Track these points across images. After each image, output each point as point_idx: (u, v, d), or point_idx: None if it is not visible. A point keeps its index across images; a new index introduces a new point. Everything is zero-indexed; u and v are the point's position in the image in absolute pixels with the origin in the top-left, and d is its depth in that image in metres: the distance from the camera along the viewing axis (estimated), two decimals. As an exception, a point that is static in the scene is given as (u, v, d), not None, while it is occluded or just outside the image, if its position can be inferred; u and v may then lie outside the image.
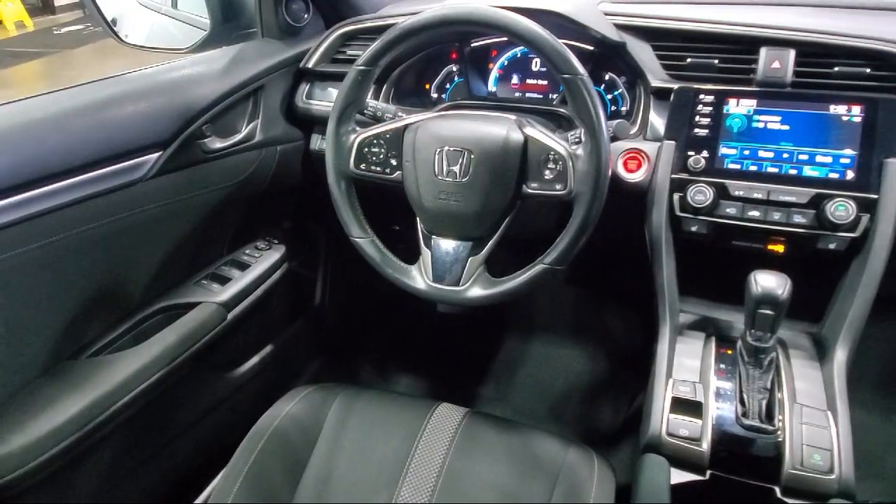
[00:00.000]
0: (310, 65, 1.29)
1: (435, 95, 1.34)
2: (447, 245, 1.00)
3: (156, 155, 1.07)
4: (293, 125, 1.33)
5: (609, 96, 1.21)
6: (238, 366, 1.37)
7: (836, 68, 0.96)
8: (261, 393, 1.41)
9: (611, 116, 1.17)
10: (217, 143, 1.17)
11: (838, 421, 0.83)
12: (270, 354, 1.45)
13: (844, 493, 0.78)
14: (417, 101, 1.32)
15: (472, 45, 1.29)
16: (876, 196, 0.89)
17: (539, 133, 0.93)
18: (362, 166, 1.02)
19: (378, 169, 1.02)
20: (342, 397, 1.07)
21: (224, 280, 1.26)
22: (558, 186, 0.91)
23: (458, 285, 0.98)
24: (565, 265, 0.93)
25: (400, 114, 1.08)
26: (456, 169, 0.95)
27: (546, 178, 0.92)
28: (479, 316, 1.86)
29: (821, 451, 0.80)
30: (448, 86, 1.33)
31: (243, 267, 1.31)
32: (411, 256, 1.04)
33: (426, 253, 1.01)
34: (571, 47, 1.14)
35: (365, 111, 1.08)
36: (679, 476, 0.83)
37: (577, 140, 0.92)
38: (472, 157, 0.94)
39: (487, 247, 0.98)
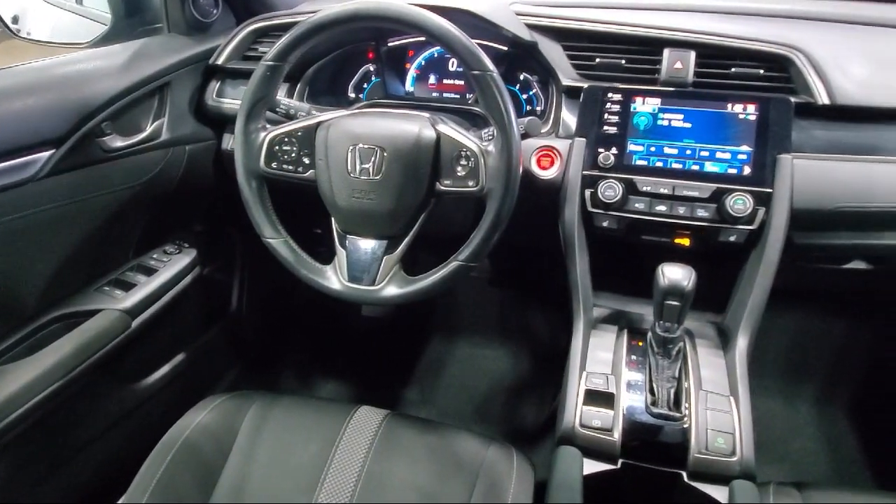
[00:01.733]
0: (219, 62, 1.25)
1: (353, 95, 1.32)
2: (362, 244, 0.98)
3: (48, 153, 1.00)
4: (203, 124, 1.28)
5: (524, 96, 1.22)
6: (146, 376, 1.31)
7: (733, 69, 1.01)
8: (173, 404, 1.34)
9: (526, 115, 1.18)
10: (118, 142, 1.11)
11: (740, 405, 0.87)
12: (183, 363, 1.38)
13: (746, 474, 0.81)
14: (334, 101, 1.29)
15: (389, 44, 1.28)
16: (770, 190, 0.94)
17: (452, 130, 0.93)
18: (273, 165, 0.99)
19: (290, 168, 0.99)
20: (258, 405, 1.03)
21: (128, 286, 1.19)
22: (471, 183, 0.91)
23: (373, 285, 0.97)
24: (480, 261, 0.93)
25: (314, 112, 1.06)
26: (369, 167, 0.93)
27: (459, 174, 0.92)
28: (404, 319, 1.85)
29: (724, 435, 0.83)
30: (366, 86, 1.32)
31: (150, 272, 1.24)
32: (331, 258, 1.02)
33: (341, 253, 0.99)
34: (486, 47, 1.16)
35: (277, 109, 1.06)
36: (592, 466, 0.84)
37: (489, 137, 0.92)
38: (385, 154, 0.92)
39: (402, 245, 0.97)
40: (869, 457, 1.49)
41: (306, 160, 0.98)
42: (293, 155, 0.98)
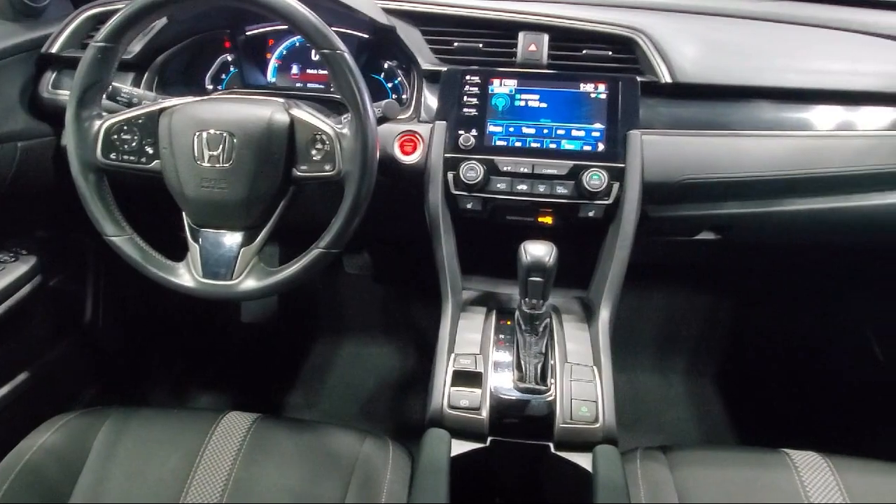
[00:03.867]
0: (53, 50, 1.14)
1: (210, 87, 1.25)
2: (217, 237, 0.93)
3: None
4: (38, 119, 1.16)
5: (389, 85, 1.21)
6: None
7: (584, 51, 1.05)
8: (15, 428, 1.21)
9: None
10: (-69, 140, 0.99)
11: (602, 374, 0.89)
12: (26, 383, 1.25)
13: (608, 439, 0.83)
14: (188, 93, 1.22)
15: (247, 33, 1.23)
16: (623, 165, 0.97)
17: (305, 114, 0.90)
18: (112, 156, 0.92)
19: (132, 158, 0.92)
20: (112, 421, 0.95)
21: (-48, 300, 1.06)
22: (327, 167, 0.89)
23: (230, 279, 0.91)
24: (341, 247, 0.90)
25: (160, 100, 0.99)
26: (217, 154, 0.88)
27: (314, 159, 0.89)
28: (286, 322, 1.79)
29: (587, 404, 0.84)
30: (224, 76, 1.25)
31: (-22, 284, 1.11)
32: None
33: (194, 247, 0.93)
34: (346, 34, 1.14)
35: (118, 98, 0.99)
36: (461, 446, 0.84)
37: (346, 120, 0.90)
38: (235, 140, 0.88)
39: (261, 236, 0.92)
40: (733, 420, 1.60)
41: (150, 150, 0.92)
42: (134, 145, 0.91)
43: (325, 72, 1.25)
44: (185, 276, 0.93)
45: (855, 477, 0.87)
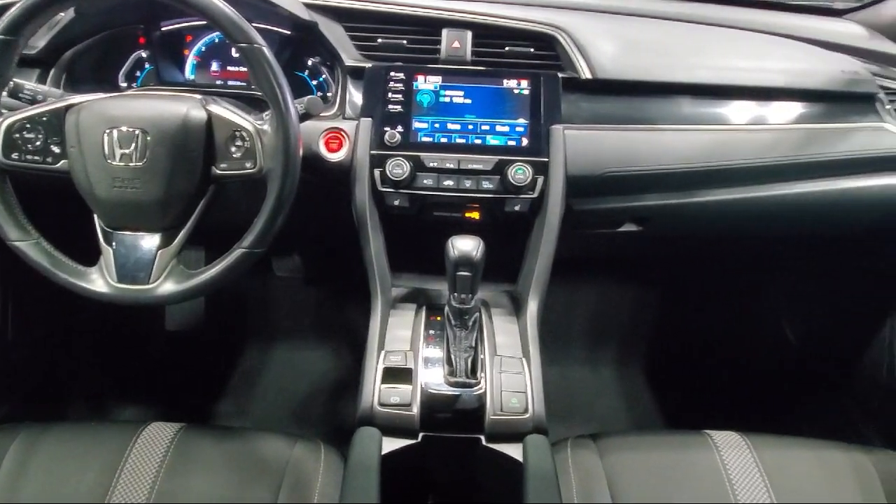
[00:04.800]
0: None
1: (124, 84, 1.20)
2: (132, 239, 0.88)
3: None
4: None
5: (314, 82, 1.19)
6: None
7: (507, 48, 1.06)
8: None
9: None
10: None
11: (531, 365, 0.90)
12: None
13: (538, 429, 0.84)
14: (100, 90, 1.16)
15: (163, 28, 1.18)
16: (546, 159, 0.99)
17: (224, 110, 0.87)
18: (14, 156, 0.86)
19: (36, 158, 0.87)
20: (22, 438, 0.90)
21: None
22: (248, 164, 0.86)
23: (147, 283, 0.87)
24: (265, 247, 0.88)
25: (67, 97, 0.94)
26: (130, 152, 0.84)
27: (234, 156, 0.86)
28: (214, 329, 1.73)
29: (517, 395, 0.85)
30: (139, 74, 1.20)
31: None
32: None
33: (107, 251, 0.89)
34: (268, 31, 1.11)
35: (21, 95, 0.93)
36: (392, 444, 0.83)
37: (267, 117, 0.88)
38: (149, 138, 0.84)
39: (179, 237, 0.89)
40: (660, 406, 1.66)
41: (56, 149, 0.87)
42: (38, 144, 0.86)
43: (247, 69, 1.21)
44: (98, 281, 0.88)
45: (770, 453, 0.92)
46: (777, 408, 1.57)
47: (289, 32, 1.13)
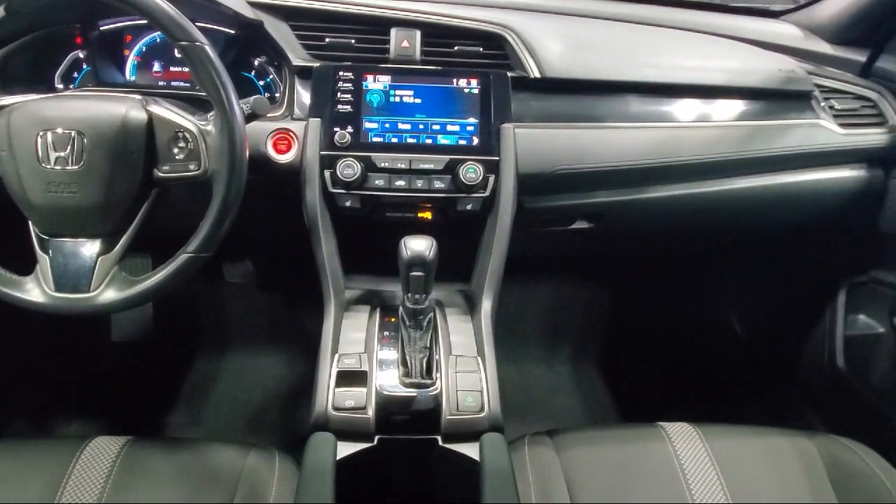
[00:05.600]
0: None
1: (60, 86, 1.15)
2: (70, 246, 0.85)
3: None
4: None
5: (262, 83, 1.16)
6: None
7: (456, 47, 1.06)
8: None
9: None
10: None
11: (486, 364, 0.90)
12: None
13: (494, 427, 0.84)
14: (35, 92, 1.11)
15: (101, 28, 1.14)
16: (497, 158, 0.99)
17: (165, 111, 0.85)
18: None
19: None
20: None
21: None
22: (192, 166, 0.84)
23: (88, 291, 0.84)
24: (212, 251, 0.85)
25: None
26: (66, 155, 0.81)
27: (177, 158, 0.84)
28: (164, 340, 1.68)
29: (472, 394, 0.85)
30: (76, 75, 1.15)
31: None
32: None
33: (44, 258, 0.85)
34: (212, 30, 1.08)
35: None
36: (347, 448, 0.81)
37: (211, 117, 0.85)
38: (86, 140, 0.81)
39: (121, 243, 0.86)
40: (615, 401, 1.68)
41: None
42: None
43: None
44: (34, 290, 0.84)
45: (721, 442, 0.94)
46: (727, 398, 1.62)
47: (233, 32, 1.11)
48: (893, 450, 0.98)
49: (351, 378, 0.86)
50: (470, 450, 0.83)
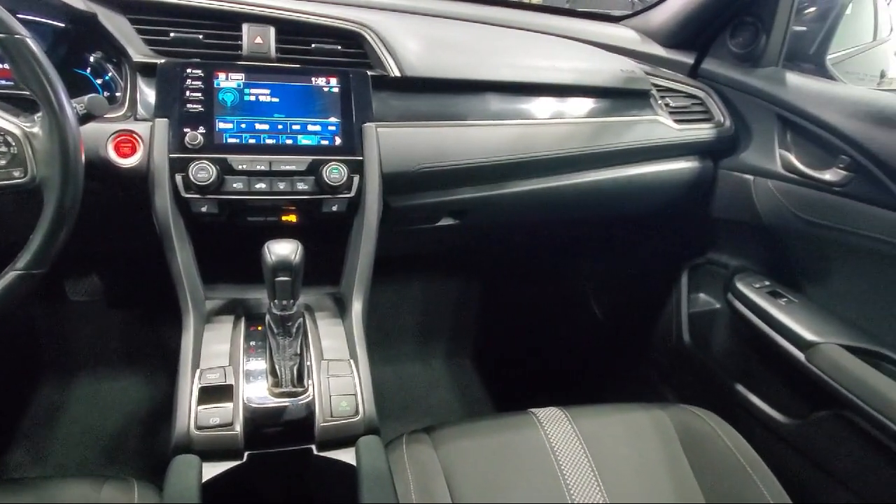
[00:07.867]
0: None
1: None
2: None
3: None
4: None
5: (99, 81, 1.06)
6: None
7: (314, 45, 1.03)
8: None
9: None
10: None
11: (359, 366, 0.88)
12: None
13: (370, 430, 0.83)
14: None
15: None
16: (361, 158, 0.98)
17: None
18: None
19: None
20: None
21: None
22: (17, 174, 0.75)
23: None
24: (45, 268, 0.76)
25: None
26: None
27: None
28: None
29: (346, 398, 0.83)
30: None
31: None
32: None
33: None
34: (38, 23, 0.97)
35: None
36: (213, 469, 0.76)
37: (39, 119, 0.77)
38: None
39: None
40: (490, 392, 1.73)
41: None
42: None
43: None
44: None
45: (587, 422, 1.00)
46: (591, 380, 1.72)
47: (64, 25, 1.00)
48: (734, 413, 1.09)
49: (215, 393, 0.81)
50: (346, 455, 0.81)
